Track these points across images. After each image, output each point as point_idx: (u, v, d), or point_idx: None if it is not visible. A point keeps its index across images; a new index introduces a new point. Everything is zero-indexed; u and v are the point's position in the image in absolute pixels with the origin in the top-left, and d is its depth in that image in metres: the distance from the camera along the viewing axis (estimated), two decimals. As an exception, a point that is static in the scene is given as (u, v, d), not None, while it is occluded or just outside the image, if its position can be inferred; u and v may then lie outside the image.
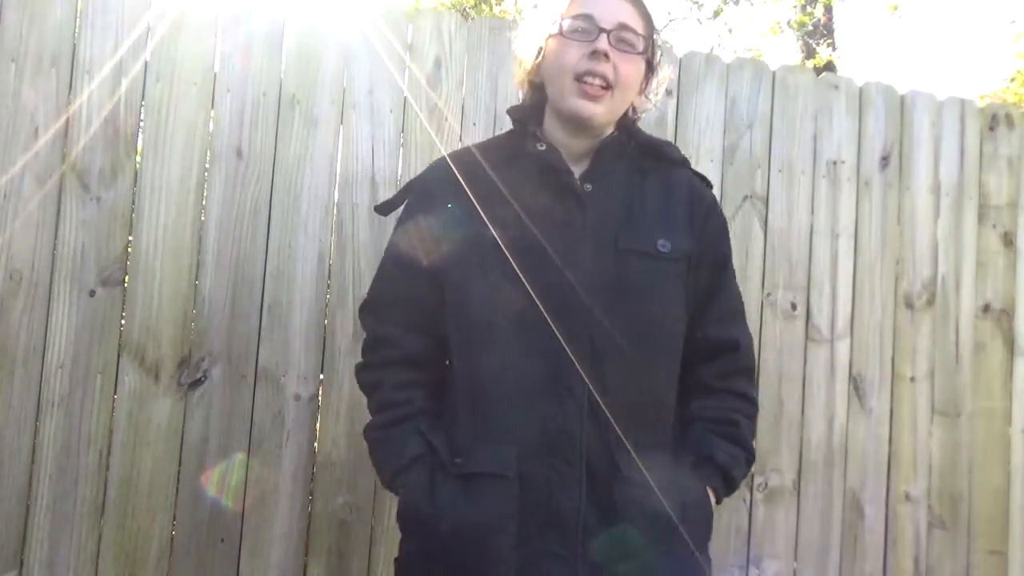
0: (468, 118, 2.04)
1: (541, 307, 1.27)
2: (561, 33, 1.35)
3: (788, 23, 6.24)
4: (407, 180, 1.98)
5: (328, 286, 1.93)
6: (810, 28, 6.27)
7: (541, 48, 1.40)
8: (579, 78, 1.32)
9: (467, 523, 1.25)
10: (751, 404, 1.45)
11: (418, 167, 1.99)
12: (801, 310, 2.25)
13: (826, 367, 2.27)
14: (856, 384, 2.30)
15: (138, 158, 1.83)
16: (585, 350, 1.28)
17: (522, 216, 1.31)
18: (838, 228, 2.31)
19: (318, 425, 1.92)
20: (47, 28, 1.77)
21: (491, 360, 1.30)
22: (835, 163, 2.32)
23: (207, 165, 1.86)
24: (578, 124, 1.37)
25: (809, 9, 6.24)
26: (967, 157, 2.46)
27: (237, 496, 1.83)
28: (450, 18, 2.06)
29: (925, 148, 2.42)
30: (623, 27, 1.33)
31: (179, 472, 1.81)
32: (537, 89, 1.43)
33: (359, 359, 1.46)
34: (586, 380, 1.27)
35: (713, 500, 1.37)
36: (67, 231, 1.76)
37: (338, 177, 1.95)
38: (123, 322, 1.80)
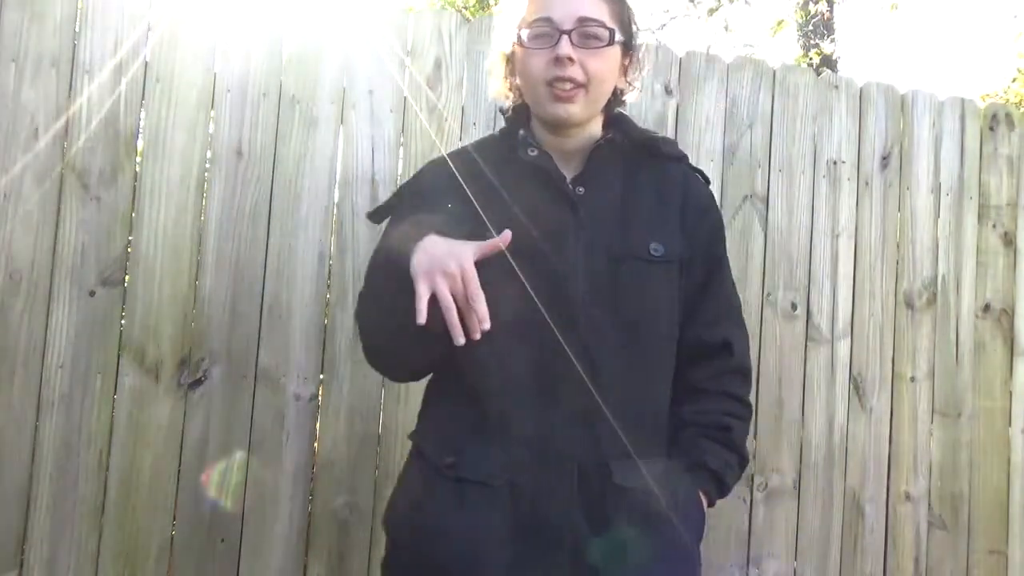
0: (468, 118, 2.04)
1: (536, 311, 1.23)
2: (522, 44, 1.31)
3: (780, 23, 6.25)
4: (407, 180, 1.99)
5: (328, 286, 1.93)
6: (811, 28, 6.27)
7: (510, 58, 1.38)
8: (550, 84, 1.29)
9: (459, 535, 1.23)
10: (744, 406, 1.41)
11: (418, 167, 1.99)
12: (801, 310, 2.25)
13: (826, 367, 2.27)
14: (856, 384, 2.30)
15: (138, 158, 1.83)
16: (579, 356, 1.24)
17: (517, 219, 1.27)
18: (838, 228, 2.31)
19: (318, 425, 1.92)
20: (47, 28, 1.77)
21: (485, 362, 1.25)
22: (835, 163, 2.32)
23: (207, 165, 1.86)
24: (559, 125, 1.34)
25: (811, 6, 6.24)
26: (967, 157, 2.46)
27: (237, 496, 1.84)
28: (450, 18, 2.06)
29: (925, 148, 2.42)
30: (583, 21, 1.28)
31: (179, 472, 1.81)
32: (520, 92, 1.40)
33: (358, 358, 1.44)
34: (580, 386, 1.24)
35: (705, 503, 1.35)
36: (67, 231, 1.76)
37: (338, 177, 1.95)
38: (123, 322, 1.80)
